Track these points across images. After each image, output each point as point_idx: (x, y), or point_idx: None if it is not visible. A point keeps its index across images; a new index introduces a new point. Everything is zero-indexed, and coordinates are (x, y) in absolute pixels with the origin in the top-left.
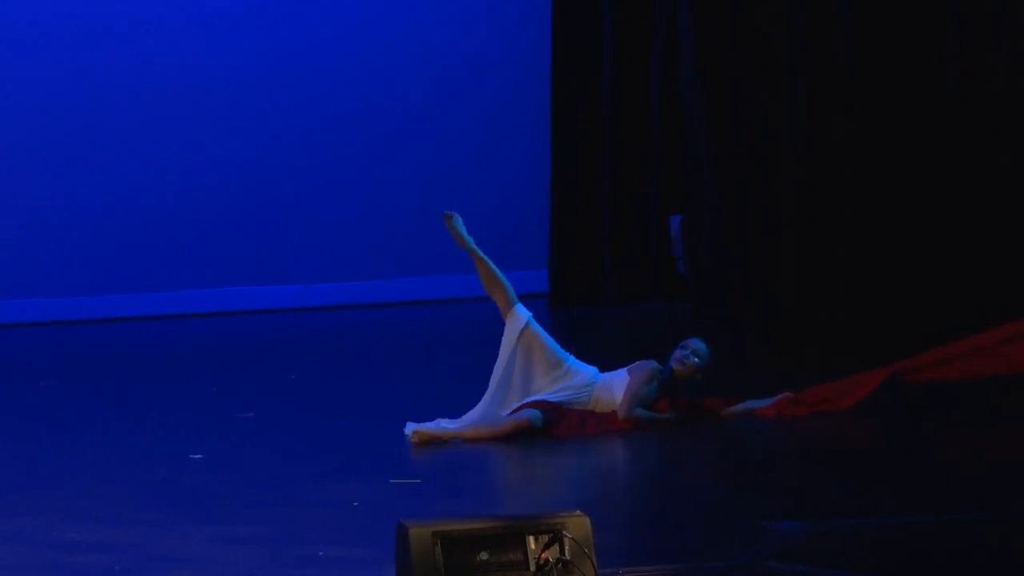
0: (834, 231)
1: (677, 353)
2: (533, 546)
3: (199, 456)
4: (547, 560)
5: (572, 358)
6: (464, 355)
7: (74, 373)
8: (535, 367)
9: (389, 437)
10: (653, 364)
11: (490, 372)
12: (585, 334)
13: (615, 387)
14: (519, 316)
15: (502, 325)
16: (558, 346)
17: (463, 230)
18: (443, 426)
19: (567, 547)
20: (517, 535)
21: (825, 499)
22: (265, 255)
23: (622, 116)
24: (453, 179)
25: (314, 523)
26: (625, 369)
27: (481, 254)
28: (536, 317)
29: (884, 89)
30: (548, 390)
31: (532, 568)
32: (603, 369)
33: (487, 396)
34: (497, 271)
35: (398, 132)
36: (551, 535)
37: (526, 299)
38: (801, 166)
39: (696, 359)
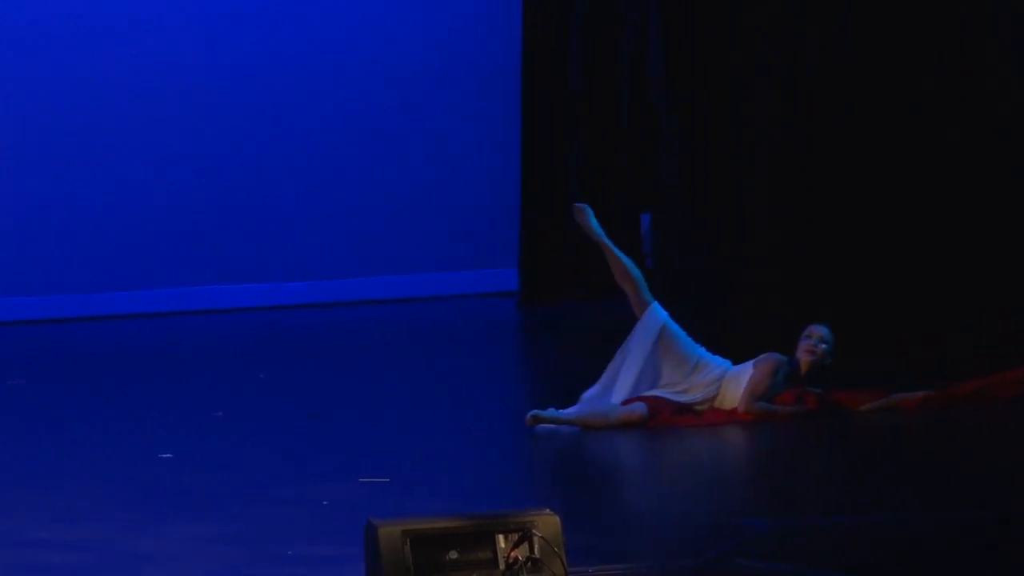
0: (805, 228)
1: (803, 344)
2: (503, 544)
3: (168, 455)
4: (517, 559)
5: (703, 351)
6: (436, 353)
7: (43, 371)
8: (665, 364)
9: (359, 435)
10: (778, 356)
11: (463, 370)
12: (554, 332)
13: (743, 380)
14: (656, 317)
15: (475, 323)
16: (690, 341)
17: (594, 223)
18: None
19: (537, 545)
20: (487, 533)
21: (794, 497)
22: (236, 254)
23: (592, 115)
24: (424, 178)
25: (284, 522)
26: (752, 362)
27: (613, 247)
28: (506, 315)
29: (856, 86)
30: (677, 387)
31: (502, 567)
32: (736, 362)
33: (605, 386)
34: (629, 267)
35: (369, 132)
36: (521, 533)
37: (497, 297)
38: (771, 163)
39: (824, 345)
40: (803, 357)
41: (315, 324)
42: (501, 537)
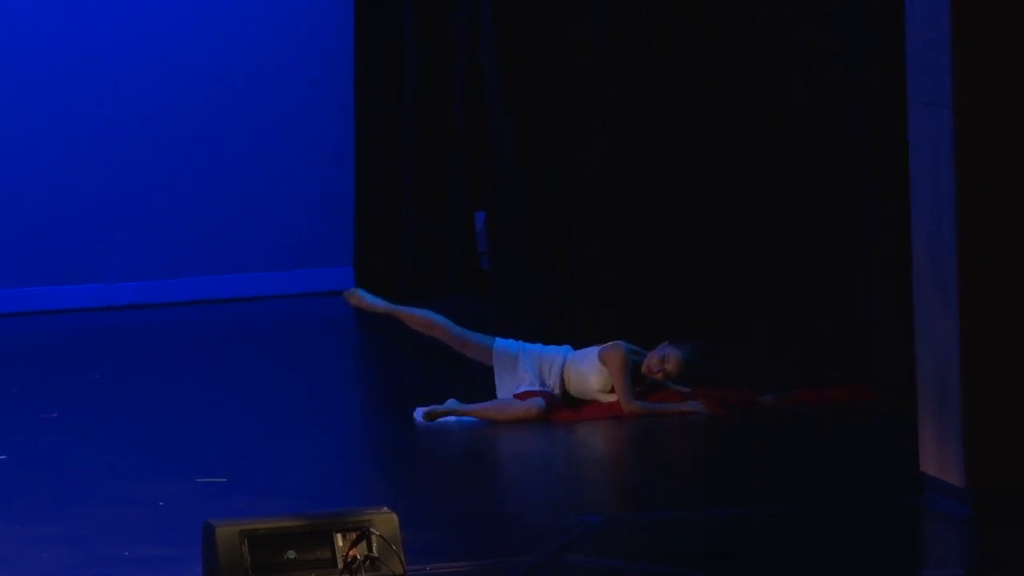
0: (642, 228)
1: (654, 355)
2: (341, 543)
3: (2, 457)
4: (355, 557)
5: (548, 349)
6: (272, 352)
7: None
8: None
9: (195, 435)
10: (625, 346)
11: (299, 369)
12: (389, 329)
13: (585, 365)
14: (508, 354)
15: (310, 322)
16: (540, 348)
17: (372, 299)
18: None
19: (375, 544)
20: (324, 533)
21: (625, 492)
22: (66, 254)
23: (426, 112)
24: (258, 176)
25: (119, 522)
26: (596, 349)
27: (400, 308)
28: (342, 313)
29: (694, 88)
30: (523, 383)
31: (340, 566)
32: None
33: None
34: (428, 315)
35: (202, 131)
36: (359, 532)
37: (332, 296)
38: (607, 160)
39: (671, 369)
40: (650, 365)
41: (149, 324)
42: (339, 536)
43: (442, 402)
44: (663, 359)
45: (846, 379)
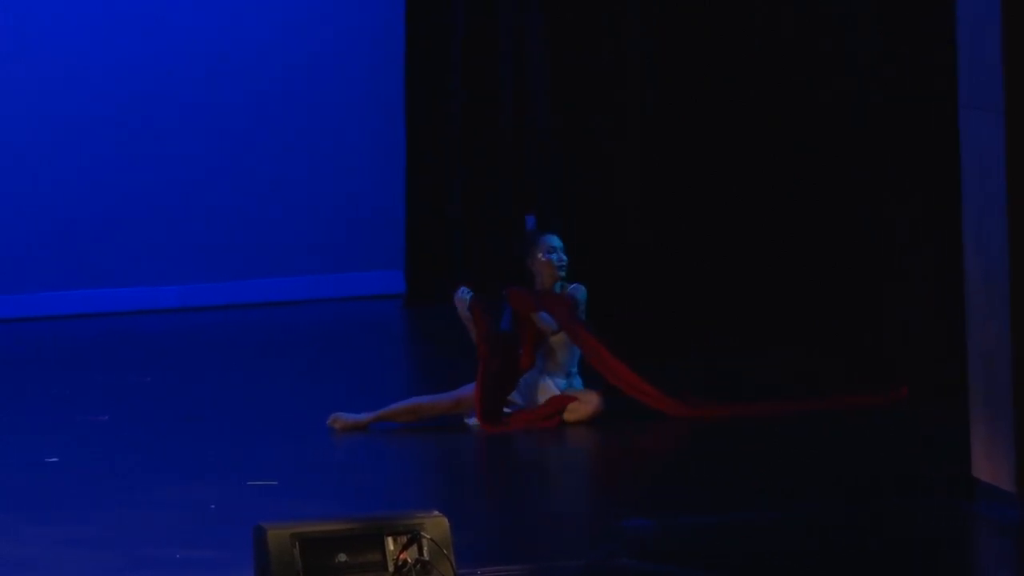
0: (688, 230)
1: (542, 259)
2: (391, 547)
3: (54, 459)
4: (405, 561)
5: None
6: (322, 356)
7: None
8: None
9: (246, 438)
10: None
11: (349, 372)
12: (438, 333)
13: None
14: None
15: (360, 325)
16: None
17: (353, 417)
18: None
19: (425, 548)
20: (375, 536)
21: (674, 496)
22: (114, 257)
23: (475, 115)
24: (308, 180)
25: (170, 525)
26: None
27: (383, 412)
28: (391, 317)
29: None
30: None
31: (391, 569)
32: None
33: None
34: (407, 404)
35: (251, 133)
36: (409, 536)
37: (381, 300)
38: (654, 166)
39: (563, 256)
40: (545, 273)
41: (196, 328)
42: (390, 539)
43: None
44: (550, 250)
45: (874, 384)
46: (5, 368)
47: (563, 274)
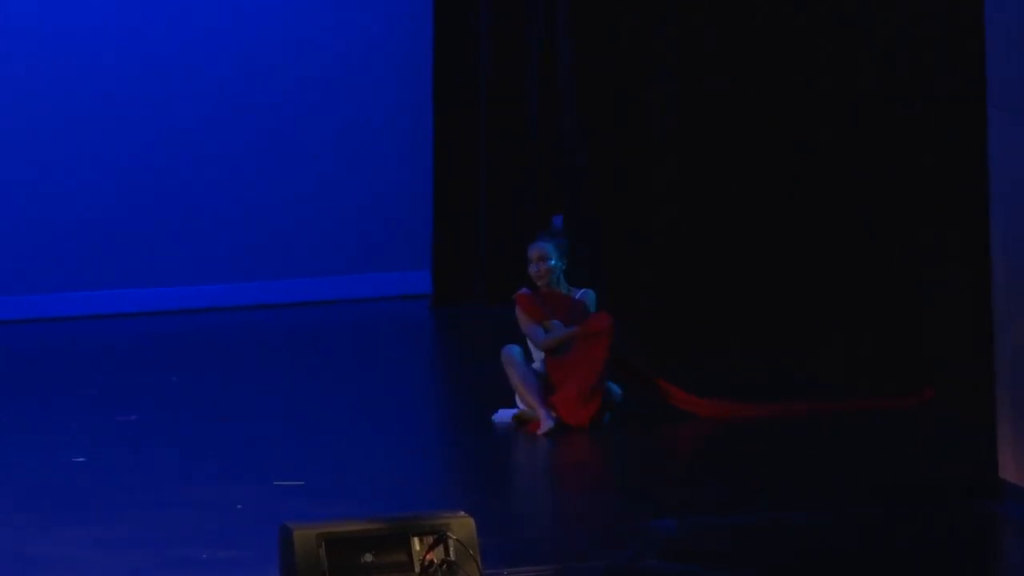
0: (714, 231)
1: (530, 271)
2: (418, 547)
3: (81, 459)
4: (432, 561)
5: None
6: (348, 356)
7: None
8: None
9: (272, 438)
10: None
11: (375, 373)
12: (466, 333)
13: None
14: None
15: (387, 326)
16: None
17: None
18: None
19: (452, 548)
20: (401, 536)
21: (700, 497)
22: (142, 257)
23: (501, 117)
24: (335, 180)
25: (197, 525)
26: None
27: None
28: (418, 316)
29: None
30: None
31: (417, 569)
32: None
33: None
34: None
35: (279, 134)
36: (436, 536)
37: (409, 300)
38: (678, 167)
39: (547, 263)
40: (538, 283)
41: (225, 327)
42: (416, 540)
43: (514, 406)
44: (529, 260)
45: (899, 386)
46: (36, 368)
47: (545, 282)
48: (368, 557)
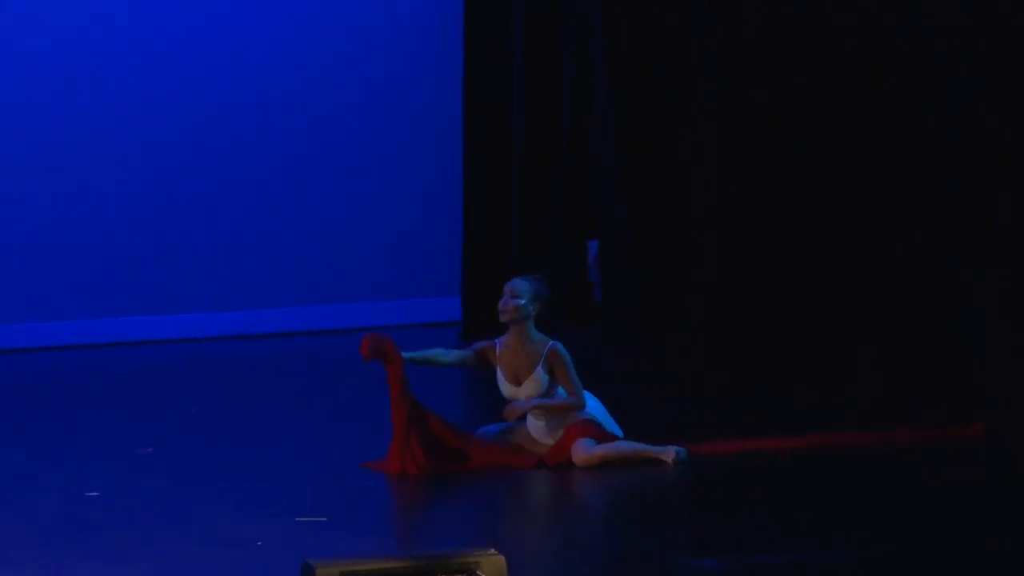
0: (752, 254)
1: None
2: None
3: (95, 493)
4: None
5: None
6: (376, 386)
7: None
8: None
9: (294, 472)
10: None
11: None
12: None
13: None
14: None
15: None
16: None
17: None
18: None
19: None
20: (428, 574)
21: (737, 533)
22: (167, 283)
23: (533, 144)
24: (365, 207)
25: (217, 562)
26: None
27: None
28: (448, 344)
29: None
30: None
31: None
32: None
33: None
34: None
35: (308, 158)
36: (465, 574)
37: (439, 328)
38: (714, 189)
39: (516, 300)
40: (502, 318)
41: (249, 356)
42: None
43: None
44: (502, 293)
45: (946, 416)
46: (49, 398)
47: (509, 318)
48: None
